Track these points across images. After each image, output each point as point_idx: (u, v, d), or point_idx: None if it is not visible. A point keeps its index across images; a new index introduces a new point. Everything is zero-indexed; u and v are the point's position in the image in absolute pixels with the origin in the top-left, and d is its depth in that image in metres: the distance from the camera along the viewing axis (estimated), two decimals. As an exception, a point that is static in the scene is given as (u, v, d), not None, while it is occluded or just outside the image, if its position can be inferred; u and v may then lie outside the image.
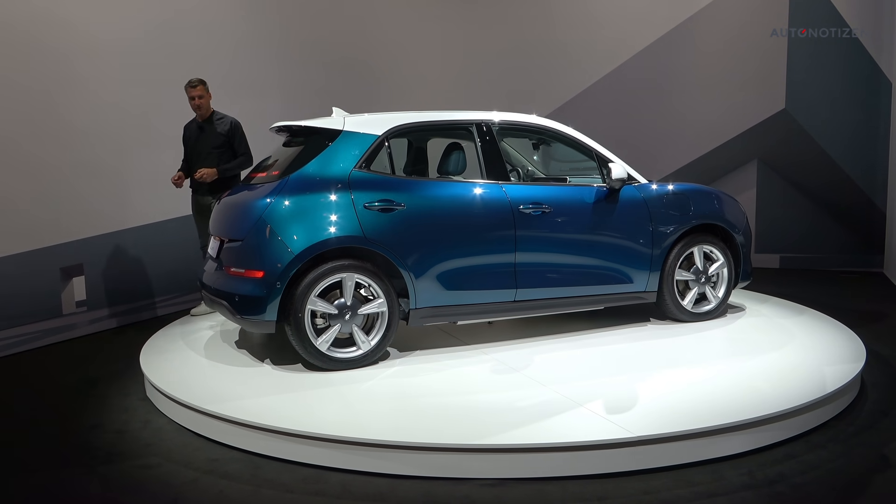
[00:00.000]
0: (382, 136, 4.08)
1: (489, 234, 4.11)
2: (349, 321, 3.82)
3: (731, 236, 4.78)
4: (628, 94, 8.37)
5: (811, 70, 7.83)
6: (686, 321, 4.66)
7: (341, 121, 4.12)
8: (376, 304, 3.87)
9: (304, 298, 3.70)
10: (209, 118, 5.41)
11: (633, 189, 4.53)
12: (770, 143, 8.08)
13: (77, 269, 5.68)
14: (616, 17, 8.38)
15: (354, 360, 3.85)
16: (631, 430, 2.89)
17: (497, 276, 4.15)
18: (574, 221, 4.34)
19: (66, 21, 5.50)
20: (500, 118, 4.42)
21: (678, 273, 4.60)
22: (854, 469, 2.94)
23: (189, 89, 5.32)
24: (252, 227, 3.82)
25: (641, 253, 4.47)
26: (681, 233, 4.56)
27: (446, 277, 4.01)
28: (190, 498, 2.79)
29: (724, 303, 4.78)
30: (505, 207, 4.14)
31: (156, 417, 3.71)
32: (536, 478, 2.83)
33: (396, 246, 3.87)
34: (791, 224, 8.16)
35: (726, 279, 4.76)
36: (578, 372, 3.77)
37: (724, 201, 4.89)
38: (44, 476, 3.08)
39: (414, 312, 3.99)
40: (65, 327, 5.54)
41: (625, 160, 4.59)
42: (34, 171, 5.33)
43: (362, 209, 3.84)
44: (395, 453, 2.89)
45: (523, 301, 4.24)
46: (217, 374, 3.96)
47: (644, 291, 4.54)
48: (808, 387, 3.37)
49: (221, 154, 5.38)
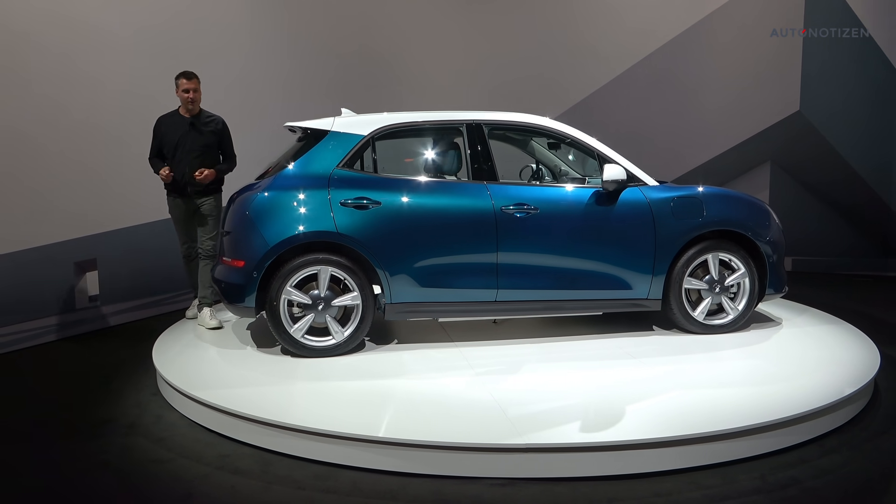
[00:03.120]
0: (368, 137, 4.25)
1: (467, 234, 4.12)
2: (322, 311, 4.03)
3: (754, 245, 4.40)
4: (642, 94, 8.33)
5: (826, 72, 7.76)
6: (696, 333, 4.39)
7: (331, 121, 4.32)
8: (350, 297, 4.07)
9: (279, 288, 3.97)
10: (198, 115, 4.97)
11: (637, 190, 4.32)
12: (784, 145, 8.02)
13: (91, 263, 5.72)
14: (631, 18, 8.33)
15: (327, 348, 4.08)
16: (641, 431, 2.88)
17: (476, 275, 4.16)
18: (563, 223, 4.22)
19: (78, 19, 5.54)
20: (490, 118, 4.39)
21: (688, 281, 4.34)
22: (867, 474, 2.92)
23: (184, 81, 4.86)
24: (239, 220, 4.16)
25: (641, 258, 4.26)
26: (690, 238, 4.30)
27: (421, 274, 4.10)
28: (202, 493, 2.81)
29: (744, 316, 4.43)
30: (486, 207, 4.13)
31: (168, 413, 3.73)
32: (547, 478, 2.83)
33: (370, 242, 4.03)
34: (804, 226, 8.09)
35: (748, 290, 4.40)
36: (589, 372, 3.76)
37: (747, 206, 4.57)
38: (56, 470, 3.11)
39: (390, 307, 4.12)
40: (78, 322, 5.59)
41: (637, 160, 4.52)
42: (48, 167, 5.38)
43: (338, 206, 4.04)
44: (407, 451, 2.90)
45: (506, 302, 4.23)
46: (229, 370, 3.98)
47: (646, 299, 4.32)
48: (822, 391, 3.34)
49: (209, 154, 4.95)
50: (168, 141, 4.91)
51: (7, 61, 5.12)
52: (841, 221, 8.10)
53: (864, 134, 7.81)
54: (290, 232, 3.98)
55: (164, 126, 4.95)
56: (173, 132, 4.90)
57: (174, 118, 4.96)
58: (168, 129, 4.93)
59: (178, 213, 5.03)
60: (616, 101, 8.36)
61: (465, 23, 8.47)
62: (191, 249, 5.15)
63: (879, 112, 7.74)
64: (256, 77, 6.89)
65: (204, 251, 4.98)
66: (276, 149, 4.83)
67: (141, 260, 6.03)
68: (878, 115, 7.75)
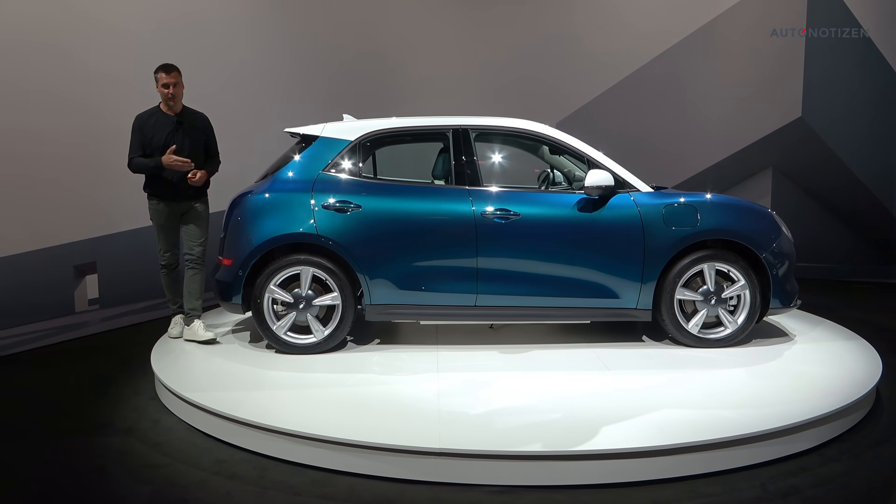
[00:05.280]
0: (355, 142, 4.36)
1: (446, 238, 4.16)
2: (303, 310, 4.19)
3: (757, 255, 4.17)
4: (644, 100, 8.32)
5: (828, 78, 7.75)
6: (690, 346, 4.24)
7: (321, 127, 4.46)
8: (330, 297, 4.20)
9: (263, 286, 4.16)
10: (183, 112, 4.61)
11: (627, 197, 4.20)
12: (786, 152, 8.01)
13: (90, 267, 5.72)
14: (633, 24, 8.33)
15: (308, 346, 4.23)
16: (640, 439, 2.86)
17: (456, 280, 4.18)
18: (545, 229, 4.16)
19: (80, 21, 5.55)
20: (475, 123, 4.41)
21: (681, 292, 4.17)
22: (868, 483, 2.89)
23: (163, 75, 4.47)
24: (232, 221, 4.35)
25: (629, 267, 4.14)
26: (684, 247, 4.13)
27: (399, 277, 4.18)
28: (197, 498, 2.79)
29: (743, 331, 4.22)
30: (466, 212, 4.15)
31: (165, 417, 3.72)
32: (545, 486, 2.81)
33: (349, 244, 4.15)
34: (806, 233, 8.06)
35: (748, 304, 4.19)
36: (589, 380, 3.74)
37: (748, 214, 4.34)
38: (53, 473, 3.10)
39: (370, 308, 4.23)
40: (77, 325, 5.58)
41: (638, 165, 4.49)
42: (49, 170, 5.38)
43: (320, 209, 4.18)
44: (404, 458, 2.88)
45: (486, 307, 4.23)
46: (227, 375, 3.96)
47: (635, 309, 4.20)
48: (823, 399, 3.32)
49: (198, 154, 4.60)
50: (154, 142, 4.50)
51: (7, 61, 5.13)
52: (842, 228, 8.09)
53: (865, 140, 7.80)
54: (273, 233, 4.16)
55: (147, 126, 4.52)
56: (159, 132, 4.51)
57: (158, 117, 4.55)
58: (152, 129, 4.51)
59: (162, 218, 4.61)
60: (618, 107, 8.35)
61: (466, 29, 8.48)
62: (173, 258, 4.74)
63: (881, 118, 7.73)
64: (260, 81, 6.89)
65: (193, 258, 4.65)
66: (280, 153, 4.82)
67: (140, 263, 6.02)
68: (880, 121, 7.74)
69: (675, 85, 8.24)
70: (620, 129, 8.18)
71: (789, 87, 7.79)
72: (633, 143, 7.95)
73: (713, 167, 8.21)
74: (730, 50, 8.05)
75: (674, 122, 8.27)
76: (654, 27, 8.23)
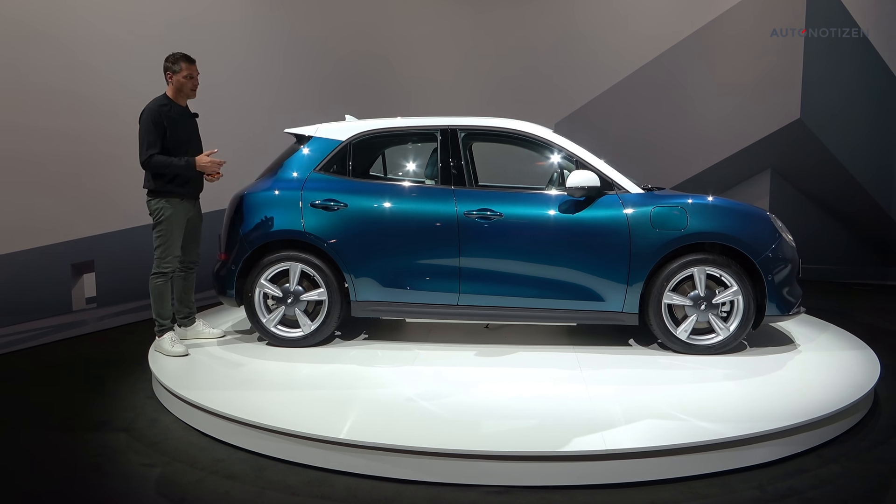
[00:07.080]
0: (346, 142, 4.48)
1: (429, 237, 4.21)
2: (292, 305, 4.35)
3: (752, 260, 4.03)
4: (643, 101, 8.33)
5: (826, 80, 7.77)
6: (679, 352, 4.15)
7: (315, 128, 4.58)
8: (316, 293, 4.34)
9: (254, 281, 4.35)
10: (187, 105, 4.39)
11: (615, 198, 4.12)
12: (784, 153, 8.02)
13: (87, 265, 5.71)
14: (632, 25, 8.35)
15: (295, 339, 4.39)
16: (639, 440, 2.86)
17: (438, 279, 4.22)
18: (528, 230, 4.14)
19: (79, 19, 5.54)
20: (464, 123, 4.42)
21: (669, 297, 4.08)
22: (866, 485, 2.89)
23: (187, 65, 4.20)
24: (229, 218, 4.50)
25: (614, 269, 4.06)
26: (671, 250, 4.03)
27: (382, 274, 4.28)
28: (195, 498, 2.78)
29: (736, 338, 4.10)
30: (450, 212, 4.18)
31: (163, 416, 3.71)
32: (544, 486, 2.80)
33: (335, 241, 4.26)
34: (804, 234, 8.07)
35: (741, 310, 4.06)
36: (587, 381, 3.74)
37: (742, 217, 4.13)
38: (50, 473, 3.09)
39: (355, 304, 4.35)
40: (74, 323, 5.57)
41: (637, 166, 4.50)
42: (46, 168, 5.36)
43: (308, 207, 4.30)
44: (402, 458, 2.87)
45: (468, 307, 4.25)
46: (226, 374, 3.96)
47: (621, 312, 4.13)
48: (821, 400, 3.32)
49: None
50: (178, 136, 4.19)
51: (6, 61, 5.12)
52: (841, 230, 8.10)
53: (864, 142, 7.81)
54: (262, 229, 4.33)
55: (166, 119, 4.13)
56: (182, 126, 4.22)
57: (174, 109, 4.21)
58: (173, 122, 4.16)
59: (182, 220, 4.29)
60: (617, 107, 8.36)
61: (467, 29, 8.48)
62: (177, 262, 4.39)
63: (880, 120, 7.75)
64: (260, 82, 6.88)
65: (196, 262, 4.55)
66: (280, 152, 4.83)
67: (138, 262, 6.00)
68: (879, 123, 7.75)
69: (674, 86, 8.25)
70: (619, 129, 8.19)
71: (788, 89, 7.81)
72: (631, 144, 7.96)
73: (711, 168, 8.23)
74: (729, 51, 8.06)
75: (672, 122, 8.27)
76: (653, 28, 8.24)
